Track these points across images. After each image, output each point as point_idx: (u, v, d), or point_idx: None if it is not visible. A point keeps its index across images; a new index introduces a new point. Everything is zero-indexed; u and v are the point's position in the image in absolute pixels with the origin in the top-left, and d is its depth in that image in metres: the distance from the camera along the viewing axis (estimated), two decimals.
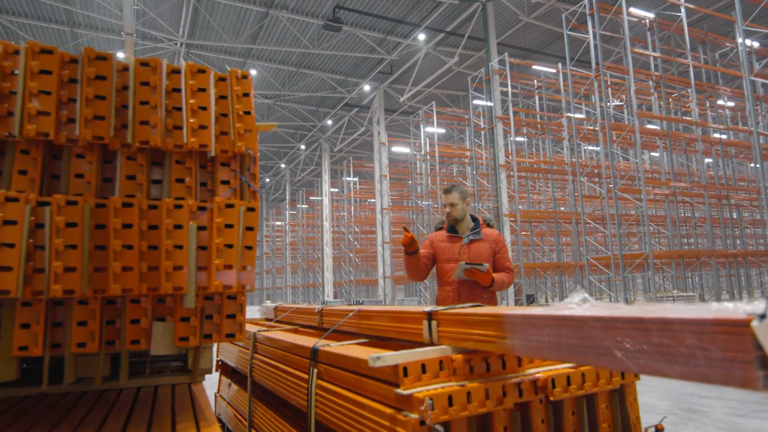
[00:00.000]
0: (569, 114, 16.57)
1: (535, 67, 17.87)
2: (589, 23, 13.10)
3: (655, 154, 20.99)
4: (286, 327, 3.12)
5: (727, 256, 15.74)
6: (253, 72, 19.73)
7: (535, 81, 19.77)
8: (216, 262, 1.67)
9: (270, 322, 3.66)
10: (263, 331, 2.86)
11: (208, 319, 1.77)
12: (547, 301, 19.25)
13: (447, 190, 3.23)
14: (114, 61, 1.72)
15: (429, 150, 20.80)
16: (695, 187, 15.36)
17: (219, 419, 3.60)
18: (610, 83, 15.42)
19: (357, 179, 31.34)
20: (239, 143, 1.82)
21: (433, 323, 1.60)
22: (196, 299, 1.68)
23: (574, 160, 16.40)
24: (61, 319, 1.61)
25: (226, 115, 1.84)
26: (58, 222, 1.54)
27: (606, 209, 13.50)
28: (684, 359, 0.75)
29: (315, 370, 1.87)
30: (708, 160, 19.34)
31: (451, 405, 1.30)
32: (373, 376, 1.49)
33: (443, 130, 24.15)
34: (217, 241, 1.68)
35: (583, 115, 18.26)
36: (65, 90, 1.65)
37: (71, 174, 1.66)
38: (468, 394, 1.34)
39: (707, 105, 17.69)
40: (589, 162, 20.26)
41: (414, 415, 1.29)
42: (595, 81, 12.86)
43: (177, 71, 1.81)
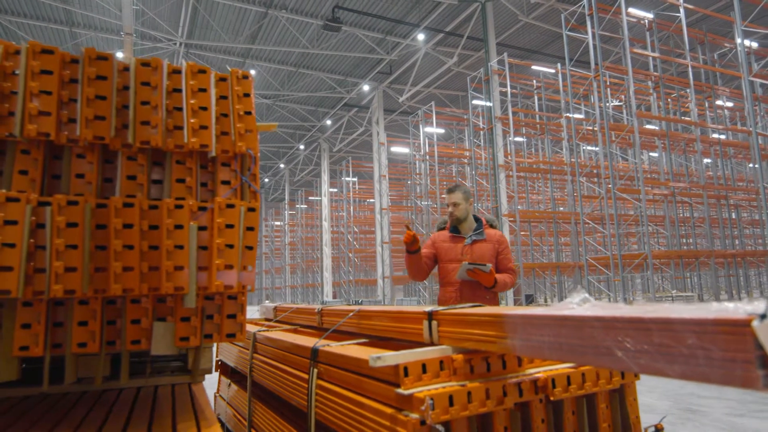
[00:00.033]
0: (568, 114, 16.57)
1: (534, 67, 17.86)
2: (588, 23, 13.12)
3: (654, 155, 21.02)
4: (286, 327, 3.12)
5: (726, 256, 15.75)
6: (252, 72, 19.69)
7: (534, 81, 19.76)
8: (217, 262, 1.67)
9: (270, 322, 3.66)
10: (263, 331, 2.86)
11: (209, 319, 1.77)
12: (546, 301, 19.25)
13: (450, 190, 3.20)
14: (115, 61, 1.72)
15: (428, 150, 20.79)
16: (694, 188, 15.37)
17: (219, 419, 3.59)
18: (609, 83, 15.42)
19: (356, 179, 31.31)
20: (240, 143, 1.82)
21: (434, 323, 1.60)
22: (196, 299, 1.68)
23: (573, 160, 16.38)
24: (61, 319, 1.62)
25: (227, 116, 1.84)
26: (59, 222, 1.54)
27: (605, 209, 13.51)
28: (684, 359, 0.75)
29: (315, 370, 1.87)
30: (707, 161, 19.35)
31: (451, 405, 1.30)
32: (374, 376, 1.50)
33: (442, 130, 24.13)
34: (218, 241, 1.68)
35: (582, 116, 18.28)
36: (66, 90, 1.65)
37: (72, 174, 1.66)
38: (468, 393, 1.34)
39: (706, 105, 17.70)
40: (588, 162, 20.28)
41: (415, 415, 1.29)
42: (594, 81, 12.86)
43: (178, 71, 1.82)
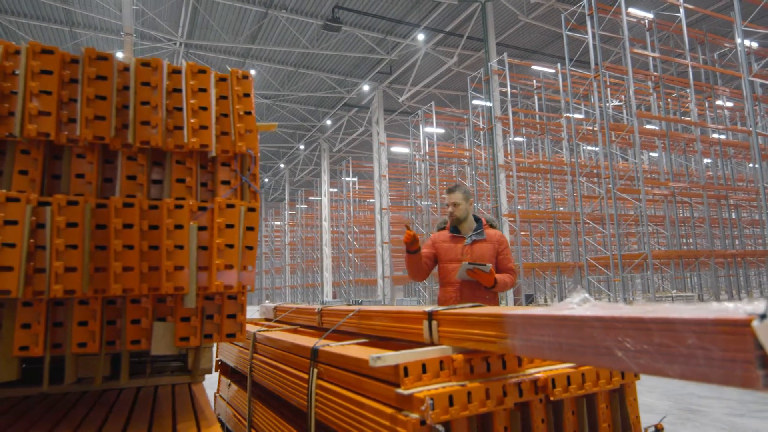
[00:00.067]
0: (568, 114, 16.56)
1: (534, 67, 17.86)
2: (588, 23, 13.12)
3: (654, 155, 21.01)
4: (286, 327, 3.12)
5: (726, 256, 15.75)
6: (252, 72, 19.69)
7: (534, 81, 19.76)
8: (217, 262, 1.67)
9: (270, 322, 3.66)
10: (263, 331, 2.86)
11: (209, 319, 1.77)
12: (546, 301, 19.25)
13: (450, 190, 3.19)
14: (115, 61, 1.72)
15: (428, 150, 20.78)
16: (694, 188, 15.37)
17: (219, 419, 3.59)
18: (609, 83, 15.42)
19: (356, 179, 31.31)
20: (240, 143, 1.82)
21: (434, 323, 1.60)
22: (196, 299, 1.68)
23: (573, 160, 16.38)
24: (61, 319, 1.62)
25: (227, 116, 1.84)
26: (59, 222, 1.54)
27: (605, 209, 13.50)
28: (685, 359, 0.75)
29: (315, 370, 1.87)
30: (707, 161, 19.35)
31: (451, 405, 1.30)
32: (374, 376, 1.50)
33: (442, 130, 24.13)
34: (218, 241, 1.68)
35: (582, 116, 18.27)
36: (66, 90, 1.65)
37: (72, 174, 1.66)
38: (468, 394, 1.34)
39: (706, 105, 17.70)
40: (588, 162, 20.27)
41: (414, 415, 1.29)
42: (594, 81, 12.86)
43: (178, 71, 1.82)
